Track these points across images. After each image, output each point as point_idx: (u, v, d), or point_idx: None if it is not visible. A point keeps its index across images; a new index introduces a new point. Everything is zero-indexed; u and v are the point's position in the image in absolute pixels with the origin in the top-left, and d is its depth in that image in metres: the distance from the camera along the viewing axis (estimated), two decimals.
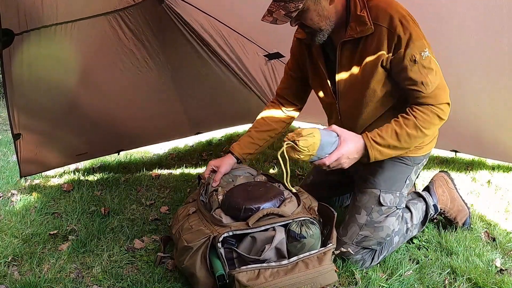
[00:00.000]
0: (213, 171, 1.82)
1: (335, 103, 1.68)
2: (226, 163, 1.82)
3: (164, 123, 3.03)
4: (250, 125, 4.13)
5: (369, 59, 1.50)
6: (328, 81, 1.66)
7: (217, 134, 3.76)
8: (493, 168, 2.77)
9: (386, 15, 1.44)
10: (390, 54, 1.46)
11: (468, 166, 2.83)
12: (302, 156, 1.43)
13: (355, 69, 1.55)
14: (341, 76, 1.60)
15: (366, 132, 1.52)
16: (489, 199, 2.33)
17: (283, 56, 2.93)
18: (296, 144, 1.42)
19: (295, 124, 4.08)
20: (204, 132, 3.56)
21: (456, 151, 2.95)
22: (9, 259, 1.70)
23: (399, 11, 1.44)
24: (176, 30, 2.46)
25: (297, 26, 1.59)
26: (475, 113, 2.39)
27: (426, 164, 2.80)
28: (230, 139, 3.66)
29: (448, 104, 1.50)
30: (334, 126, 1.51)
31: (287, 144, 1.43)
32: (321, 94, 1.77)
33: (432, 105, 1.48)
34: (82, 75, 2.28)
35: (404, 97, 1.56)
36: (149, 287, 1.54)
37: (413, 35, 1.42)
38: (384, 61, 1.48)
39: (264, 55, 2.98)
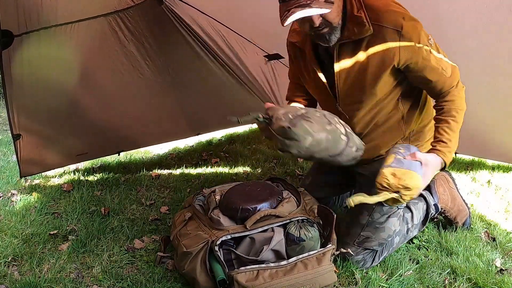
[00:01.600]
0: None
1: (334, 103, 1.64)
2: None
3: (164, 124, 3.03)
4: (250, 126, 4.14)
5: (373, 60, 1.46)
6: (326, 84, 1.60)
7: (217, 134, 3.76)
8: (493, 168, 2.77)
9: (387, 15, 1.40)
10: (404, 52, 1.42)
11: (468, 166, 2.83)
12: (397, 205, 1.41)
13: (356, 71, 1.51)
14: (340, 76, 1.55)
15: (433, 145, 1.50)
16: (489, 199, 2.33)
17: (283, 57, 2.93)
18: (401, 197, 1.34)
19: None
20: (204, 133, 3.56)
21: (456, 151, 2.95)
22: (9, 259, 1.71)
23: (397, 10, 1.43)
24: (176, 31, 2.46)
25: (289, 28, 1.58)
26: (475, 114, 2.38)
27: None
28: (230, 139, 3.66)
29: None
30: (418, 156, 1.42)
31: (391, 195, 1.34)
32: (317, 96, 1.74)
33: (455, 86, 1.51)
34: (82, 76, 2.28)
35: (402, 93, 1.57)
36: (149, 287, 1.54)
37: (418, 27, 1.42)
38: (397, 61, 1.44)
39: (264, 56, 2.98)
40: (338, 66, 1.53)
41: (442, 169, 1.53)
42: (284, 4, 1.34)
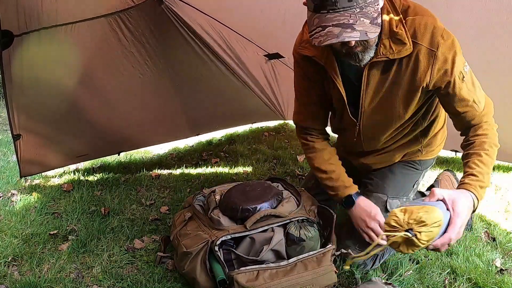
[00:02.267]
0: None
1: (355, 124, 1.49)
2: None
3: (165, 125, 3.03)
4: (250, 125, 4.14)
5: (403, 82, 1.32)
6: (347, 104, 1.43)
7: (217, 134, 3.76)
8: (493, 168, 2.77)
9: (425, 30, 1.24)
10: (435, 76, 1.28)
11: None
12: (415, 251, 1.11)
13: (385, 93, 1.36)
14: (367, 100, 1.39)
15: (461, 181, 1.29)
16: (489, 199, 2.33)
17: (283, 57, 2.93)
18: (416, 237, 1.07)
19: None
20: (204, 133, 3.56)
21: (456, 151, 2.95)
22: (9, 259, 1.70)
23: (437, 25, 1.25)
24: (176, 31, 2.46)
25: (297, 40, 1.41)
26: None
27: None
28: (230, 139, 3.66)
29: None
30: (438, 193, 1.21)
31: (403, 235, 1.07)
32: (337, 115, 1.57)
33: (487, 121, 1.37)
34: (82, 76, 2.28)
35: (424, 111, 1.47)
36: (149, 287, 1.54)
37: (456, 50, 1.26)
38: (426, 84, 1.31)
39: (264, 55, 2.98)
40: (366, 87, 1.36)
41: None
42: (317, 17, 1.11)
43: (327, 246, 1.48)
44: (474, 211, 1.26)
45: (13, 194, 2.39)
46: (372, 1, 1.10)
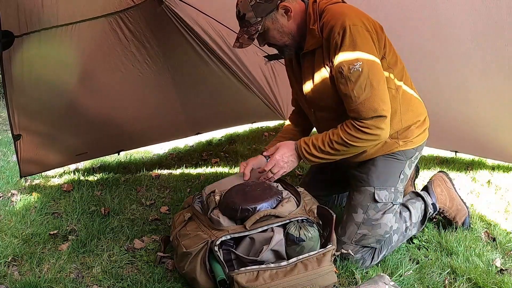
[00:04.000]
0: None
1: (311, 110, 1.75)
2: (257, 159, 1.82)
3: (165, 124, 3.03)
4: (250, 125, 4.14)
5: (323, 68, 1.56)
6: (303, 91, 1.72)
7: (217, 134, 3.76)
8: (493, 168, 2.77)
9: (329, 25, 1.48)
10: (332, 66, 1.51)
11: (468, 166, 2.83)
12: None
13: (315, 79, 1.61)
14: (306, 85, 1.67)
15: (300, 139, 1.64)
16: (489, 199, 2.33)
17: (283, 57, 2.93)
18: None
19: None
20: (204, 132, 3.56)
21: (456, 151, 2.96)
22: (9, 259, 1.70)
23: (345, 20, 1.45)
24: (176, 31, 2.46)
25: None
26: (475, 115, 2.39)
27: (426, 164, 2.83)
28: (230, 139, 3.67)
29: (381, 116, 1.48)
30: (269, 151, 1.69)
31: None
32: (300, 102, 1.87)
33: (356, 118, 1.50)
34: (82, 76, 2.28)
35: None
36: (149, 287, 1.54)
37: (345, 45, 1.44)
38: (331, 72, 1.53)
39: (264, 56, 2.98)
40: (303, 77, 1.67)
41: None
42: None
43: (327, 246, 1.48)
44: (306, 161, 1.64)
45: (13, 194, 2.39)
46: (254, 26, 1.54)
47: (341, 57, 1.46)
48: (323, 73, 1.57)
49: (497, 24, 1.76)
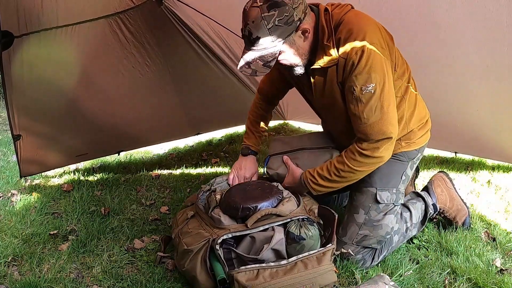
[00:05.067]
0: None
1: (321, 116, 1.80)
2: (250, 167, 1.88)
3: (165, 124, 3.04)
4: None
5: (331, 87, 1.51)
6: (311, 100, 1.73)
7: (217, 134, 3.76)
8: (493, 168, 2.77)
9: (348, 42, 1.40)
10: (345, 85, 1.45)
11: (468, 166, 2.83)
12: None
13: (326, 94, 1.56)
14: (316, 99, 1.64)
15: (308, 171, 1.63)
16: (489, 199, 2.33)
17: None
18: None
19: (294, 124, 4.08)
20: (204, 133, 3.56)
21: (456, 152, 2.96)
22: (9, 259, 1.71)
23: (368, 37, 1.38)
24: (176, 32, 2.46)
25: None
26: (475, 117, 2.39)
27: (426, 164, 2.83)
28: (230, 139, 3.67)
29: (388, 138, 1.46)
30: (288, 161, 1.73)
31: None
32: (311, 107, 1.85)
33: (362, 140, 1.48)
34: (82, 77, 2.28)
35: None
36: (149, 287, 1.54)
37: (361, 66, 1.38)
38: (343, 90, 1.48)
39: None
40: (314, 90, 1.60)
41: (309, 193, 1.67)
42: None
43: (327, 246, 1.48)
44: (311, 191, 1.62)
45: (13, 194, 2.39)
46: (271, 50, 1.39)
47: (354, 77, 1.41)
48: (334, 90, 1.51)
49: (498, 27, 1.76)
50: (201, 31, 2.56)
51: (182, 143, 3.52)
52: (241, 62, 1.44)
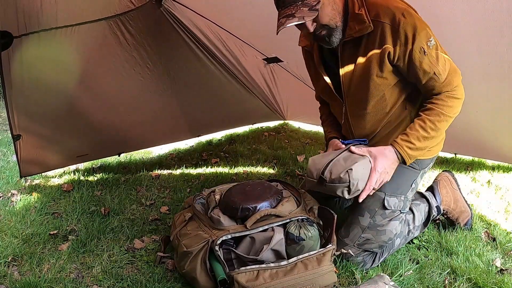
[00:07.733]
0: None
1: (342, 104, 1.69)
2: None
3: (165, 127, 3.04)
4: (250, 126, 4.14)
5: (373, 56, 1.49)
6: (331, 85, 1.66)
7: (217, 134, 3.77)
8: (493, 168, 2.77)
9: (387, 11, 1.44)
10: (398, 49, 1.45)
11: (468, 166, 2.83)
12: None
13: (358, 68, 1.54)
14: (345, 76, 1.59)
15: (395, 140, 1.55)
16: (489, 199, 2.33)
17: (282, 61, 2.94)
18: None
19: (295, 124, 4.08)
20: (204, 135, 3.57)
21: (455, 153, 2.96)
22: (9, 259, 1.70)
23: (399, 6, 1.45)
24: (176, 34, 2.46)
25: (299, 35, 1.60)
26: (474, 118, 2.39)
27: None
28: (230, 139, 3.67)
29: (459, 76, 1.53)
30: (363, 149, 1.57)
31: None
32: (326, 98, 1.80)
33: (447, 91, 1.51)
34: (82, 78, 2.28)
35: (409, 92, 1.59)
36: (149, 287, 1.54)
37: (418, 27, 1.42)
38: (392, 57, 1.47)
39: (263, 59, 2.98)
40: (342, 67, 1.58)
41: (404, 162, 1.57)
42: (278, 14, 1.44)
43: (327, 246, 1.48)
44: (407, 162, 1.55)
45: (13, 194, 2.39)
46: None
47: (419, 37, 1.43)
48: (369, 61, 1.51)
49: (498, 28, 1.76)
50: (201, 33, 2.56)
51: (182, 144, 3.52)
52: (282, 19, 1.40)
